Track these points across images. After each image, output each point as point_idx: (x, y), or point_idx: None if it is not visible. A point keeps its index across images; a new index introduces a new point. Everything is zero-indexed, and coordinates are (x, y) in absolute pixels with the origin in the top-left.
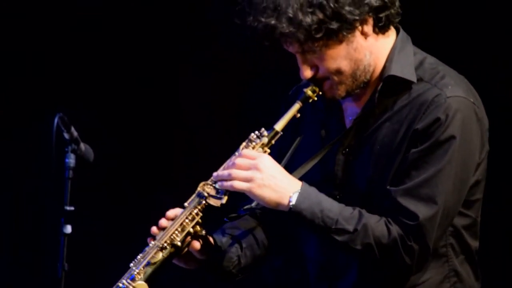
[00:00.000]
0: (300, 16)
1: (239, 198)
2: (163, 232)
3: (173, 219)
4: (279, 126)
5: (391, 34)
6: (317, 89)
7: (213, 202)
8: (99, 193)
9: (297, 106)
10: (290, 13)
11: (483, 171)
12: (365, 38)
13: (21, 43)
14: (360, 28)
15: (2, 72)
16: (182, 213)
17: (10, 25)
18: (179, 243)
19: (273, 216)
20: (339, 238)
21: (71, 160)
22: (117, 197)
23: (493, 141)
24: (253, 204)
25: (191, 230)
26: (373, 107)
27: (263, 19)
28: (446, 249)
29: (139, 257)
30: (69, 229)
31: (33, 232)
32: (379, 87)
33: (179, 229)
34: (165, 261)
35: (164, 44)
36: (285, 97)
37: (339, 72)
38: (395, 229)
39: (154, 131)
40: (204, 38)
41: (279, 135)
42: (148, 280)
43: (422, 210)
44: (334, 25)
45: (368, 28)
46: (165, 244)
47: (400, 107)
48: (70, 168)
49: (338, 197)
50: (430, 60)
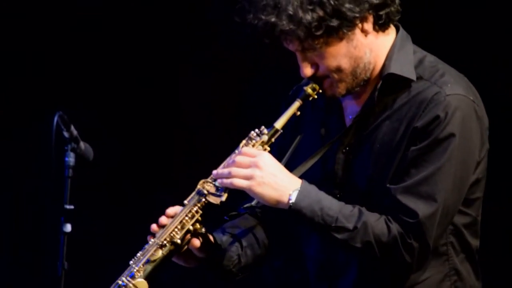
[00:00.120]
0: (300, 13)
1: (239, 197)
2: (163, 230)
3: (172, 217)
4: (279, 124)
5: (391, 32)
6: (317, 87)
7: (212, 199)
8: (99, 192)
9: (297, 104)
10: (290, 10)
11: (483, 169)
12: (365, 35)
13: (21, 43)
14: (360, 25)
15: (2, 72)
16: (181, 210)
17: (10, 25)
18: (178, 241)
19: (273, 215)
20: (339, 236)
21: (70, 158)
22: (117, 196)
23: (493, 140)
24: (253, 203)
25: (190, 227)
26: (373, 106)
27: (263, 17)
28: (446, 247)
29: (138, 254)
30: (69, 227)
31: (33, 230)
32: (379, 85)
33: (179, 226)
34: (165, 258)
35: (164, 44)
36: (285, 97)
37: (339, 70)
38: (395, 227)
39: (154, 130)
40: (204, 38)
41: (279, 133)
42: (147, 278)
43: (421, 208)
44: (334, 23)
45: (368, 26)
46: (165, 242)
47: (399, 105)
48: (70, 167)
49: (338, 195)
50: (430, 59)
